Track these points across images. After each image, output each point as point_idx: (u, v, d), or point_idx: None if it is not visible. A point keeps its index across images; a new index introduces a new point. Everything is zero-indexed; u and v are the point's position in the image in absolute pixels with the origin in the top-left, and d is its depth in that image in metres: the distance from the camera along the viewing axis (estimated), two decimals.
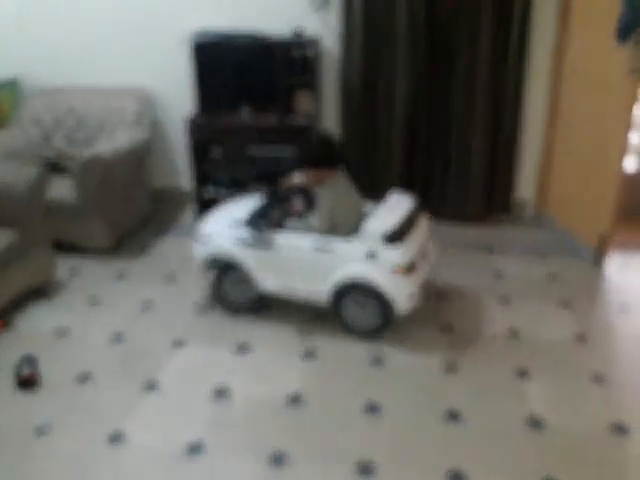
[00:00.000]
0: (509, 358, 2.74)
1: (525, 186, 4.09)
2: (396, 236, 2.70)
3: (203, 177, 4.05)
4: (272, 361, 2.79)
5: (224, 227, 3.03)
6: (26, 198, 3.16)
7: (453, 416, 2.40)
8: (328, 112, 4.09)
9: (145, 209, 4.14)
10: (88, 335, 3.01)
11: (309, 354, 2.81)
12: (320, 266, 2.82)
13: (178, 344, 2.93)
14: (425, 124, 3.92)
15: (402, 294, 2.73)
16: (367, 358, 2.76)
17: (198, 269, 3.22)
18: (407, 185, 4.06)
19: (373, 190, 4.07)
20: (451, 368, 2.68)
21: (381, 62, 3.84)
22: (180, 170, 4.44)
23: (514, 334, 2.91)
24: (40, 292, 3.31)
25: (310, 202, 2.92)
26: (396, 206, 2.92)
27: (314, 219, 2.87)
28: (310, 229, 2.86)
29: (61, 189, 3.60)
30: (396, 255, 2.68)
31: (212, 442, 2.32)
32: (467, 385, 2.58)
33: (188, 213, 4.34)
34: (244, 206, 3.17)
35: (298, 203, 2.96)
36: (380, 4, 3.69)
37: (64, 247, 3.65)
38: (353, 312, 2.89)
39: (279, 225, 2.92)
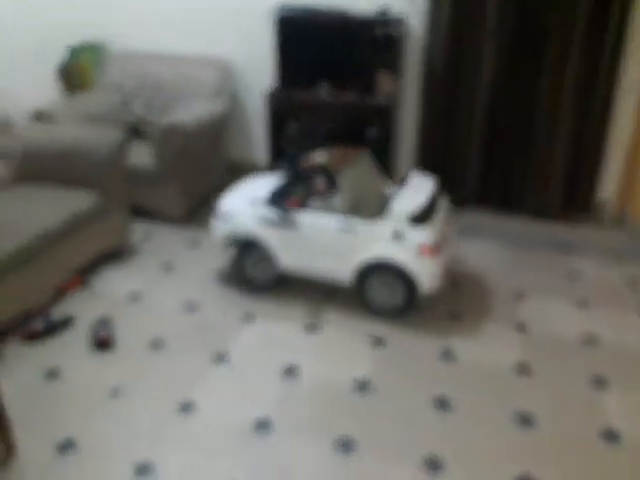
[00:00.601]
0: (586, 365, 2.64)
1: (608, 186, 3.90)
2: (422, 217, 2.72)
3: (278, 152, 4.03)
4: (341, 344, 2.78)
5: (245, 205, 3.01)
6: (108, 162, 3.22)
7: (525, 420, 2.34)
8: (408, 94, 3.99)
9: (220, 180, 4.15)
10: (161, 301, 3.06)
11: (379, 341, 2.79)
12: (344, 246, 2.83)
13: (249, 317, 2.95)
14: (507, 116, 3.78)
15: (427, 275, 2.75)
16: (437, 351, 2.72)
17: (217, 246, 3.20)
18: (485, 175, 3.96)
19: (446, 177, 4.02)
20: (524, 370, 2.61)
21: (466, 47, 3.69)
22: (256, 143, 4.42)
23: (592, 340, 2.80)
24: (115, 255, 3.38)
25: (332, 182, 2.90)
26: (419, 187, 2.91)
27: (337, 199, 2.84)
28: (333, 209, 2.84)
29: (140, 155, 3.65)
30: (422, 235, 2.70)
31: (279, 420, 2.34)
32: (540, 389, 2.51)
33: None
34: (265, 184, 3.14)
35: (320, 183, 2.94)
36: None
37: (139, 212, 3.71)
38: (377, 292, 2.90)
39: (301, 204, 2.90)
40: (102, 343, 2.71)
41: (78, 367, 2.61)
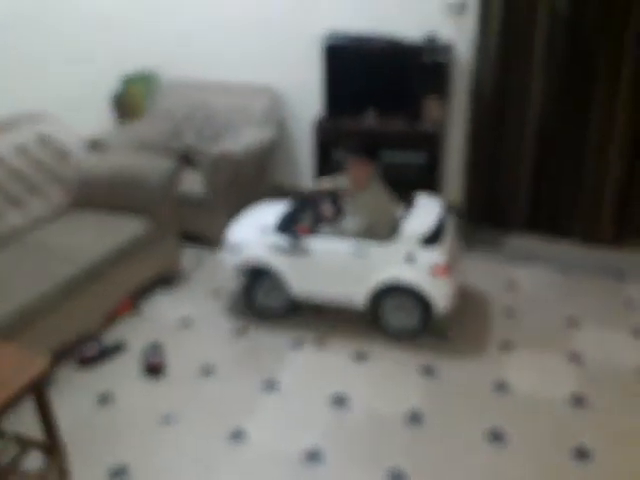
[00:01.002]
0: None
1: None
2: (433, 238, 2.74)
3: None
4: (390, 374, 2.74)
5: (255, 234, 2.99)
6: (160, 189, 3.27)
7: (582, 455, 2.23)
8: (456, 120, 3.95)
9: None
10: (210, 327, 3.07)
11: (428, 371, 2.72)
12: (357, 270, 2.82)
13: (298, 344, 2.93)
14: (556, 142, 3.69)
15: (441, 294, 2.76)
16: (490, 382, 2.64)
17: (227, 278, 3.15)
18: (534, 199, 3.87)
19: (495, 202, 3.94)
20: (579, 402, 2.50)
21: (515, 74, 3.64)
22: (302, 168, 4.44)
23: None
24: (166, 280, 3.41)
25: (339, 208, 2.92)
26: (428, 209, 2.94)
27: (350, 221, 2.83)
28: (344, 232, 2.83)
29: (190, 182, 3.69)
30: (434, 256, 2.71)
31: (330, 451, 2.30)
32: (597, 422, 2.40)
33: None
34: (271, 212, 3.13)
35: (327, 208, 2.94)
36: (520, 14, 3.49)
37: (190, 238, 3.74)
38: (391, 315, 2.89)
39: (311, 231, 2.88)
40: (153, 369, 2.73)
41: (130, 392, 2.63)
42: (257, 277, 3.04)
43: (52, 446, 2.11)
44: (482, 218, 4.05)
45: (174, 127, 4.27)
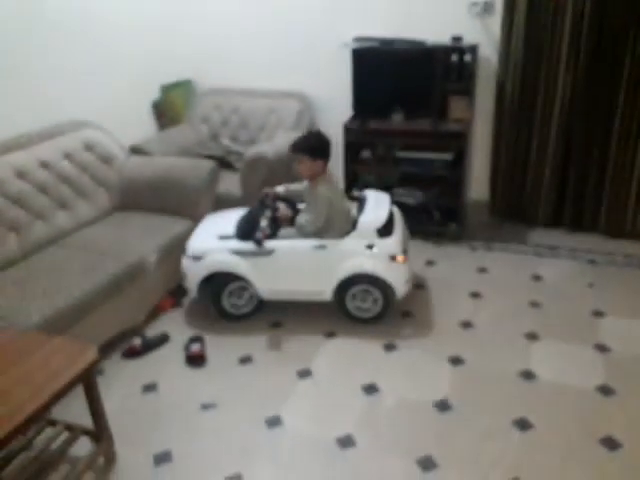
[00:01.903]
0: None
1: None
2: (388, 229, 2.84)
3: (353, 178, 4.02)
4: (420, 362, 2.71)
5: (216, 242, 2.97)
6: (200, 190, 3.31)
7: (610, 444, 2.18)
8: (482, 119, 3.90)
9: None
10: (250, 320, 3.08)
11: (456, 360, 2.69)
12: (322, 265, 2.87)
13: (330, 334, 2.93)
14: (581, 140, 3.61)
15: (400, 280, 2.86)
16: (517, 371, 2.60)
17: (193, 289, 3.05)
18: (559, 195, 3.80)
19: (520, 199, 3.88)
20: (607, 392, 2.44)
21: (541, 73, 3.57)
22: (331, 168, 4.39)
23: None
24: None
25: (295, 209, 2.98)
26: (378, 203, 3.00)
27: (306, 217, 2.85)
28: (302, 229, 2.85)
29: (227, 183, 3.73)
30: (391, 246, 2.81)
31: (362, 437, 2.29)
32: (626, 412, 2.34)
33: None
34: (226, 219, 3.11)
35: (284, 210, 2.96)
36: (544, 15, 3.43)
37: None
38: (356, 303, 2.96)
39: (271, 236, 2.86)
40: (195, 359, 2.76)
41: (172, 382, 2.66)
42: (221, 283, 3.00)
43: (99, 433, 2.16)
44: (507, 213, 4.00)
45: (211, 132, 4.33)
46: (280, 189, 3.09)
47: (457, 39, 3.63)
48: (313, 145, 2.88)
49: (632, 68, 3.34)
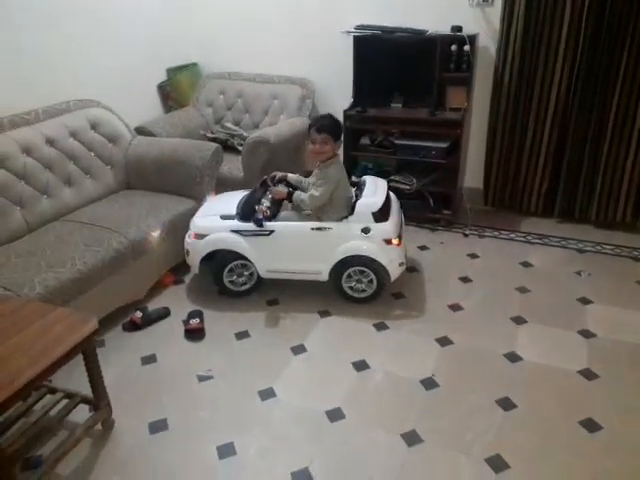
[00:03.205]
0: None
1: None
2: (384, 213, 2.84)
3: (352, 163, 3.99)
4: (408, 342, 2.71)
5: (217, 221, 2.96)
6: (203, 169, 3.28)
7: (591, 426, 2.17)
8: (479, 108, 3.85)
9: None
10: (248, 297, 3.07)
11: (445, 340, 2.69)
12: (320, 245, 2.88)
13: (325, 313, 2.93)
14: (576, 129, 3.58)
15: (394, 262, 2.88)
16: (502, 353, 2.59)
17: (195, 266, 3.04)
18: (552, 185, 3.77)
19: (514, 187, 3.85)
20: (591, 375, 2.43)
21: (538, 65, 3.53)
22: None
23: None
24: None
25: (290, 190, 2.95)
26: (376, 188, 2.99)
27: (312, 191, 2.83)
28: (302, 202, 2.85)
29: (230, 166, 3.70)
30: (387, 230, 2.81)
31: (351, 411, 2.29)
32: (608, 396, 2.33)
33: None
34: (229, 199, 3.11)
35: (280, 190, 2.94)
36: (544, 6, 3.37)
37: None
38: (352, 283, 2.97)
39: (272, 217, 2.86)
40: (192, 332, 2.76)
41: (171, 354, 2.66)
42: (222, 261, 3.00)
43: (98, 401, 2.16)
44: (501, 202, 3.98)
45: (215, 115, 4.29)
46: (292, 176, 3.08)
47: (457, 29, 3.57)
48: (337, 127, 2.88)
49: (629, 60, 3.29)
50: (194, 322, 2.80)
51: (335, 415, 2.27)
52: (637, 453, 2.06)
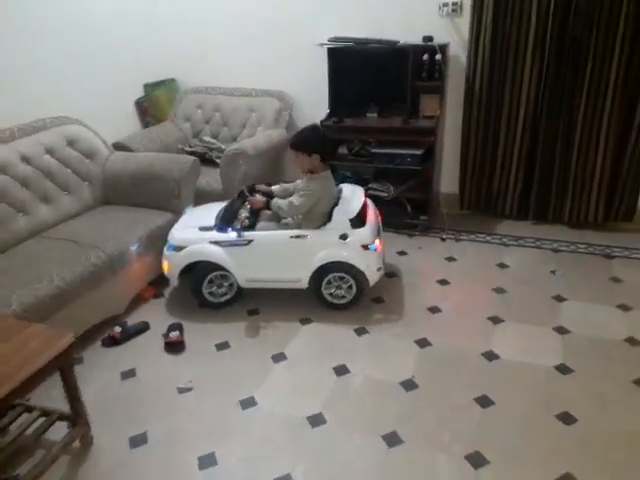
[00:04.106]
0: (628, 366, 2.46)
1: None
2: (360, 220, 2.86)
3: (332, 171, 3.99)
4: (389, 345, 2.71)
5: (195, 232, 2.95)
6: (181, 183, 3.27)
7: (567, 419, 2.19)
8: (452, 115, 3.90)
9: None
10: (228, 308, 3.06)
11: (424, 342, 2.69)
12: (299, 253, 2.87)
13: (305, 320, 2.93)
14: (546, 131, 3.63)
15: (373, 267, 2.89)
16: (479, 352, 2.60)
17: (174, 278, 3.01)
18: (525, 188, 3.82)
19: (488, 191, 3.90)
20: (566, 370, 2.45)
21: (507, 72, 3.58)
22: None
23: (633, 342, 2.62)
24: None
25: (268, 199, 2.94)
26: (353, 195, 3.01)
27: (293, 199, 2.83)
28: (280, 209, 2.85)
29: (208, 178, 3.70)
30: (364, 235, 2.82)
31: (332, 416, 2.28)
32: (582, 389, 2.35)
33: None
34: (207, 211, 3.12)
35: (258, 199, 2.95)
36: (511, 15, 3.43)
37: None
38: (331, 290, 2.97)
39: (250, 227, 2.87)
40: (172, 345, 2.74)
41: (151, 368, 2.63)
42: (201, 272, 2.98)
43: (76, 417, 2.13)
44: (476, 206, 4.01)
45: (193, 129, 4.30)
46: (276, 188, 3.09)
47: (428, 39, 3.63)
48: (310, 141, 2.85)
49: (594, 65, 3.36)
50: (174, 335, 2.78)
51: (316, 420, 2.26)
52: (612, 443, 2.08)
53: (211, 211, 3.09)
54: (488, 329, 2.77)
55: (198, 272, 2.98)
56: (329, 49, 3.77)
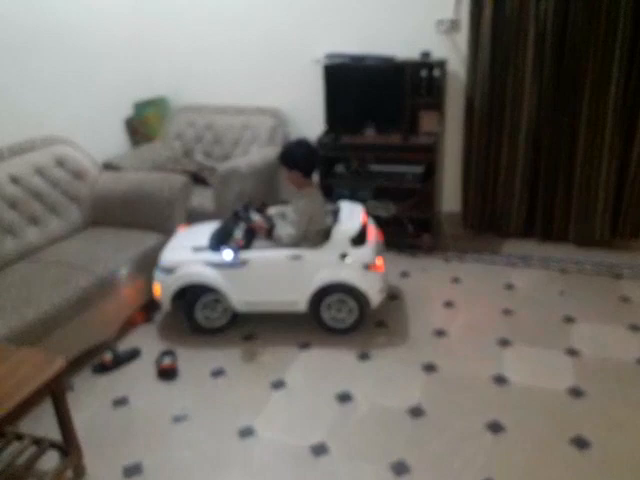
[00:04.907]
0: None
1: None
2: (361, 238, 2.89)
3: (327, 191, 4.05)
4: (392, 371, 2.73)
5: (189, 254, 2.97)
6: (172, 203, 3.32)
7: (580, 443, 2.21)
8: (452, 132, 3.98)
9: None
10: (223, 333, 3.08)
11: (430, 367, 2.71)
12: (297, 275, 2.88)
13: (305, 345, 2.94)
14: (549, 148, 3.71)
15: (375, 289, 2.90)
16: (489, 376, 2.63)
17: (166, 302, 3.02)
18: (529, 206, 3.88)
19: (492, 210, 3.96)
20: (577, 394, 2.48)
21: (507, 87, 3.67)
22: None
23: None
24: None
25: (271, 222, 2.98)
26: (352, 213, 3.04)
27: (288, 229, 2.88)
28: (280, 241, 2.88)
29: (201, 198, 3.75)
30: (365, 255, 2.85)
31: (335, 445, 2.29)
32: (596, 413, 2.37)
33: None
34: (199, 232, 3.15)
35: (260, 222, 2.97)
36: (508, 31, 3.54)
37: None
38: (331, 313, 2.98)
39: (246, 247, 2.90)
40: (165, 372, 2.75)
41: (144, 396, 2.64)
42: (194, 296, 3.00)
43: (68, 446, 2.13)
44: (480, 225, 4.07)
45: (185, 148, 4.36)
46: (272, 210, 3.15)
47: (426, 54, 3.73)
48: (289, 156, 2.93)
49: (594, 80, 3.45)
50: (166, 361, 2.79)
51: (319, 450, 2.26)
52: (627, 468, 2.10)
53: (204, 231, 3.12)
54: (496, 352, 2.80)
55: (191, 295, 3.00)
56: (325, 66, 3.85)
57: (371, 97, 3.90)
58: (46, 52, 3.54)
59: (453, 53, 3.81)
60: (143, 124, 4.35)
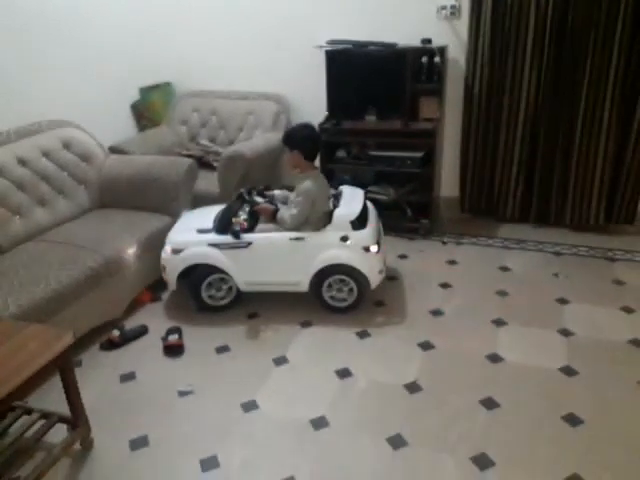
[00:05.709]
0: (632, 368, 2.49)
1: None
2: (361, 221, 2.87)
3: (328, 176, 4.03)
4: (391, 348, 2.73)
5: (195, 235, 2.97)
6: (178, 185, 3.30)
7: (573, 420, 2.21)
8: (452, 118, 3.94)
9: None
10: (228, 312, 3.07)
11: (427, 345, 2.72)
12: (300, 256, 2.88)
13: (306, 323, 2.95)
14: (546, 133, 3.67)
15: (374, 270, 2.91)
16: (484, 355, 2.63)
17: (173, 282, 3.03)
18: (526, 191, 3.86)
19: (489, 194, 3.94)
20: (571, 372, 2.48)
21: (506, 74, 3.63)
22: None
23: (637, 344, 2.65)
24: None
25: (275, 205, 2.97)
26: (353, 197, 3.04)
27: (291, 210, 2.86)
28: (283, 223, 2.87)
29: (206, 182, 3.73)
30: (365, 237, 2.85)
31: (335, 418, 2.30)
32: (587, 391, 2.37)
33: None
34: (205, 214, 3.15)
35: (268, 207, 2.96)
36: (509, 17, 3.49)
37: None
38: (332, 293, 2.99)
39: (249, 229, 2.90)
40: (171, 348, 2.75)
41: (151, 371, 2.65)
42: (200, 276, 2.99)
43: (76, 419, 2.14)
44: (477, 209, 4.05)
45: (190, 133, 4.33)
46: (277, 193, 3.13)
47: (427, 41, 3.68)
48: (293, 136, 2.92)
49: (593, 66, 3.41)
50: (173, 338, 2.79)
51: (319, 423, 2.27)
52: (618, 444, 2.10)
53: (209, 214, 3.11)
54: (492, 332, 2.79)
55: (196, 275, 3.00)
56: (327, 51, 3.81)
57: (372, 83, 3.86)
58: (54, 38, 3.51)
59: (454, 39, 3.76)
60: (148, 109, 4.31)
